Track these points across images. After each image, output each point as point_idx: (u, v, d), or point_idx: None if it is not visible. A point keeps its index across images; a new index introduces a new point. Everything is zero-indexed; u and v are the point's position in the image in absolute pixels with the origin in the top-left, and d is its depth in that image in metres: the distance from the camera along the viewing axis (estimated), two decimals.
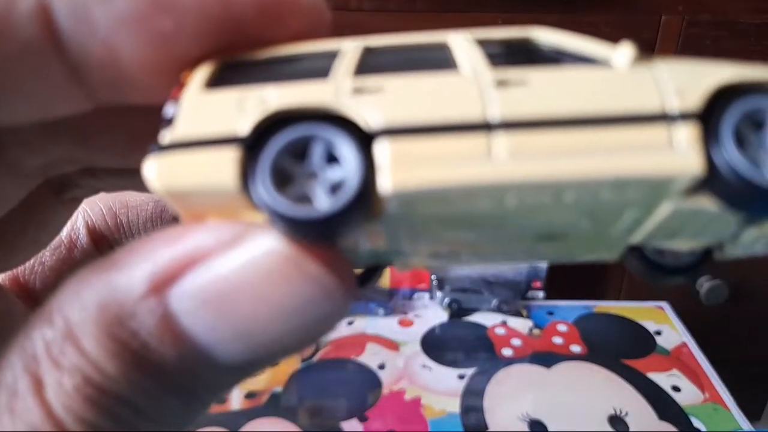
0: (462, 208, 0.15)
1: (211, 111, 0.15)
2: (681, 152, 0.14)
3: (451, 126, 0.14)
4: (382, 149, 0.14)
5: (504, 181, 0.14)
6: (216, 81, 0.16)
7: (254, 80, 0.16)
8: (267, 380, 0.79)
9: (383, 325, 0.92)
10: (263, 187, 0.14)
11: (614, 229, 0.17)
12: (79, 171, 0.22)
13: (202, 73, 0.16)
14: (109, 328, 0.15)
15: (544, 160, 0.14)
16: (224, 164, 0.14)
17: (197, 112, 0.15)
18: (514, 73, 0.15)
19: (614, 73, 0.15)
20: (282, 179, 0.15)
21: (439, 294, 0.97)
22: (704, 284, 1.05)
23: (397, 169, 0.14)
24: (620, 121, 0.14)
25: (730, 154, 0.14)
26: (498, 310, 0.95)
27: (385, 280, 0.98)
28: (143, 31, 0.15)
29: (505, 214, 0.16)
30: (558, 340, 0.89)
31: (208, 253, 0.15)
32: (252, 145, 0.15)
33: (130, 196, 0.26)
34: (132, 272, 0.15)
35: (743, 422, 0.75)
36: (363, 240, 0.17)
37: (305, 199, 0.15)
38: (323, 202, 0.14)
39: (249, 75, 0.16)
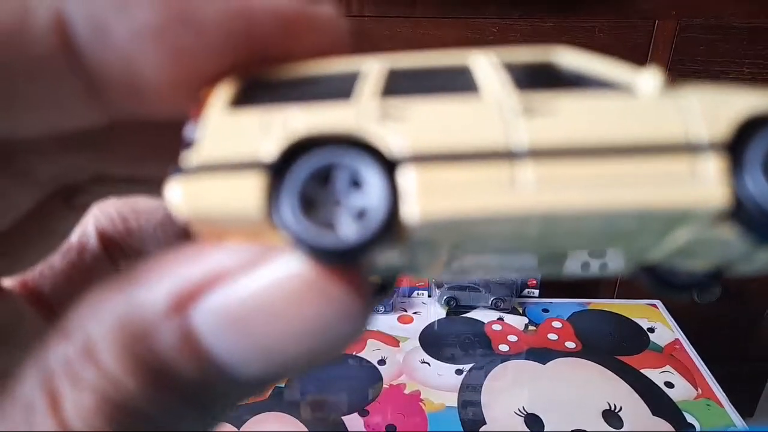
0: (485, 234, 0.15)
1: (234, 134, 0.15)
2: (707, 184, 0.14)
3: (478, 154, 0.14)
4: (407, 177, 0.14)
5: (530, 211, 0.14)
6: (238, 101, 0.16)
7: (278, 101, 0.15)
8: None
9: (383, 321, 0.94)
10: (290, 216, 0.14)
11: (630, 251, 0.17)
12: (89, 178, 0.22)
13: (223, 91, 0.16)
14: (129, 345, 0.14)
15: (570, 190, 0.14)
16: (250, 190, 0.14)
17: (220, 134, 0.15)
18: (540, 99, 0.15)
19: (640, 101, 0.15)
20: (306, 204, 0.15)
21: (437, 291, 0.99)
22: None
23: (424, 198, 0.14)
24: (646, 151, 0.14)
25: (757, 186, 0.14)
26: (494, 307, 0.97)
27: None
28: (162, 45, 0.15)
29: (526, 240, 0.16)
30: (553, 336, 0.90)
31: (230, 272, 0.15)
32: (277, 169, 0.15)
33: (142, 202, 0.25)
34: (153, 289, 0.15)
35: (736, 418, 0.76)
36: (382, 258, 0.17)
37: (330, 225, 0.14)
38: (350, 232, 0.14)
39: (272, 95, 0.16)
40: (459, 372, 0.83)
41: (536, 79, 0.17)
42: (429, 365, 0.84)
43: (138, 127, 0.18)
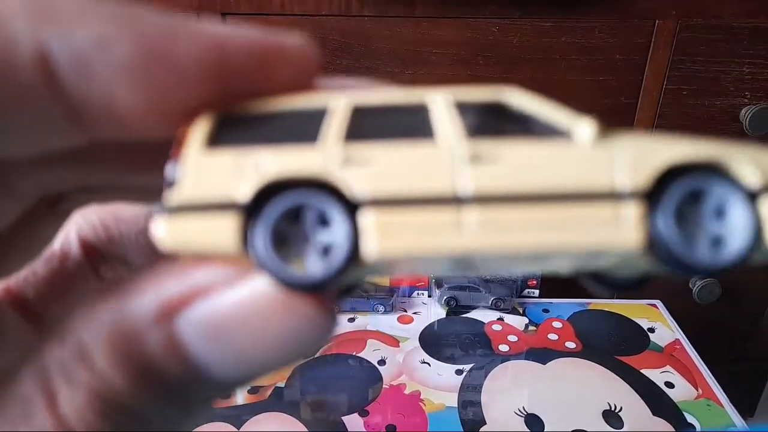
0: (435, 262, 0.18)
1: (210, 175, 0.17)
2: (627, 228, 0.16)
3: (429, 199, 0.16)
4: (366, 218, 0.16)
5: (473, 250, 0.16)
6: (213, 140, 0.17)
7: (250, 141, 0.17)
8: (270, 375, 0.80)
9: (383, 321, 0.94)
10: (263, 252, 0.16)
11: (568, 264, 0.19)
12: (72, 188, 0.23)
13: (199, 131, 0.17)
14: (120, 348, 0.16)
15: (510, 233, 0.16)
16: (227, 230, 0.16)
17: (198, 175, 0.17)
18: (485, 146, 0.17)
19: (576, 150, 0.17)
20: (278, 239, 0.17)
21: (437, 291, 0.98)
22: (697, 282, 1.06)
23: (381, 238, 0.16)
24: (578, 198, 0.16)
25: (667, 230, 0.16)
26: (494, 307, 0.97)
27: (386, 278, 0.99)
28: (140, 80, 0.16)
29: (472, 265, 0.18)
30: (553, 336, 0.90)
31: (211, 288, 0.17)
32: (250, 207, 0.16)
33: (123, 209, 0.26)
34: (142, 300, 0.17)
35: (736, 418, 0.76)
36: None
37: (299, 258, 0.17)
38: (316, 269, 0.16)
39: (244, 134, 0.17)
40: (459, 372, 0.83)
41: (486, 120, 0.19)
42: (429, 365, 0.84)
43: (118, 144, 0.19)
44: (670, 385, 0.81)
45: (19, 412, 0.16)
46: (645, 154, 0.17)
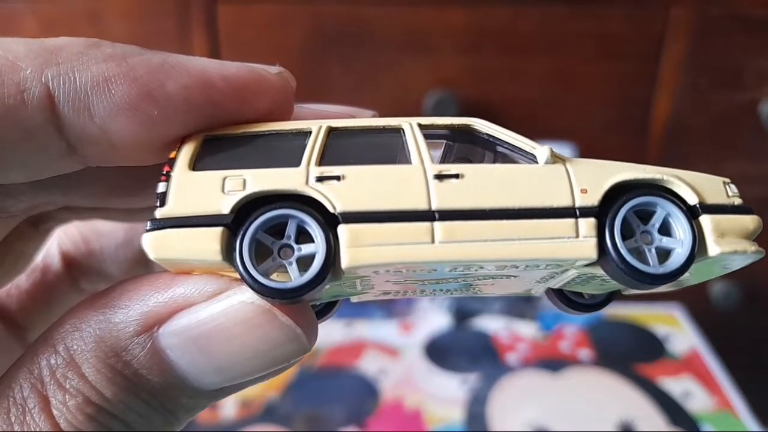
0: (406, 272, 0.19)
1: (197, 191, 0.18)
2: (581, 241, 0.19)
3: (398, 213, 0.18)
4: (341, 231, 0.18)
5: (437, 259, 0.18)
6: (200, 160, 0.19)
7: (234, 160, 0.19)
8: (263, 388, 0.77)
9: (383, 329, 0.90)
10: (244, 262, 0.18)
11: (535, 281, 0.22)
12: (58, 209, 0.25)
13: (186, 152, 0.19)
14: (106, 358, 0.18)
15: (472, 244, 0.18)
16: (210, 241, 0.18)
17: (185, 192, 0.18)
18: (452, 167, 0.19)
19: (534, 171, 0.20)
20: (258, 250, 0.18)
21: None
22: (716, 288, 1.03)
23: (352, 249, 0.18)
24: (535, 214, 0.19)
25: (614, 244, 0.19)
26: (503, 313, 0.92)
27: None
28: (134, 117, 0.18)
29: (443, 276, 0.20)
30: (565, 344, 0.87)
31: (193, 301, 0.18)
32: (233, 221, 0.18)
33: (102, 225, 0.28)
34: (127, 312, 0.18)
35: (756, 428, 0.74)
36: (325, 290, 0.19)
37: (281, 267, 0.18)
38: (293, 277, 0.18)
39: (229, 155, 0.19)
40: (464, 383, 0.79)
41: (455, 143, 0.22)
42: (431, 376, 0.81)
43: (106, 169, 0.21)
44: (687, 394, 0.78)
45: (14, 414, 0.17)
46: (596, 176, 0.20)
